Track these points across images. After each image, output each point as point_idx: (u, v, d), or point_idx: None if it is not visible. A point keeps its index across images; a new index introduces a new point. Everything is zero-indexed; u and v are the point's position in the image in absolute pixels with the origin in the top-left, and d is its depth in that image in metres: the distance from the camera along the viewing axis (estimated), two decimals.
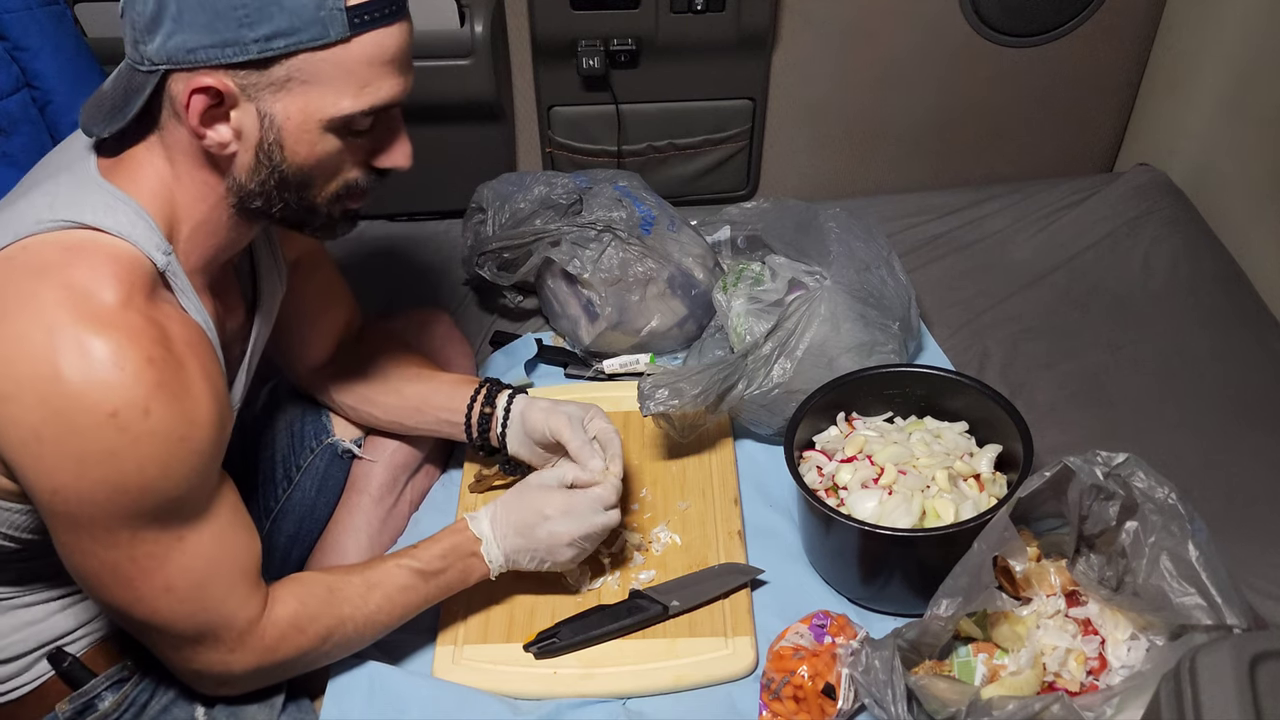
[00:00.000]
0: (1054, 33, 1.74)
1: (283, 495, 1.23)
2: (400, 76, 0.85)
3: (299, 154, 0.84)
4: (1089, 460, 0.99)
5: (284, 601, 0.96)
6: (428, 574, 1.04)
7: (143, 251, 0.83)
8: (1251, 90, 1.61)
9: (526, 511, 1.07)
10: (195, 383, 0.83)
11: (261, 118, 0.82)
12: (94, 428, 0.77)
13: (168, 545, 0.85)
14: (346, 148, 0.86)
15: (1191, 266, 1.63)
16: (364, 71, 0.82)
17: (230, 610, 0.91)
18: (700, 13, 1.60)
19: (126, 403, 0.78)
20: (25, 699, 0.98)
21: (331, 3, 0.78)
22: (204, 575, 0.88)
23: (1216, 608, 0.88)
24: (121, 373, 0.77)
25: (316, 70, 0.80)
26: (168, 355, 0.81)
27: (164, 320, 0.82)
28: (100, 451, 0.78)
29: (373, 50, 0.81)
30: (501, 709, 1.06)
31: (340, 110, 0.82)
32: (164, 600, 0.86)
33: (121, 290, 0.80)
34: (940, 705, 0.93)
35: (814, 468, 1.21)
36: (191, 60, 0.79)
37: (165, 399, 0.80)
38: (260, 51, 0.78)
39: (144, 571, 0.85)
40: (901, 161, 1.90)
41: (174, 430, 0.81)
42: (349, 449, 1.26)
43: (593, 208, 1.48)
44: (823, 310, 1.29)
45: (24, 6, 1.27)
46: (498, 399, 1.20)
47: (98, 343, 0.77)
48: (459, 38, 1.58)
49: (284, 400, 1.28)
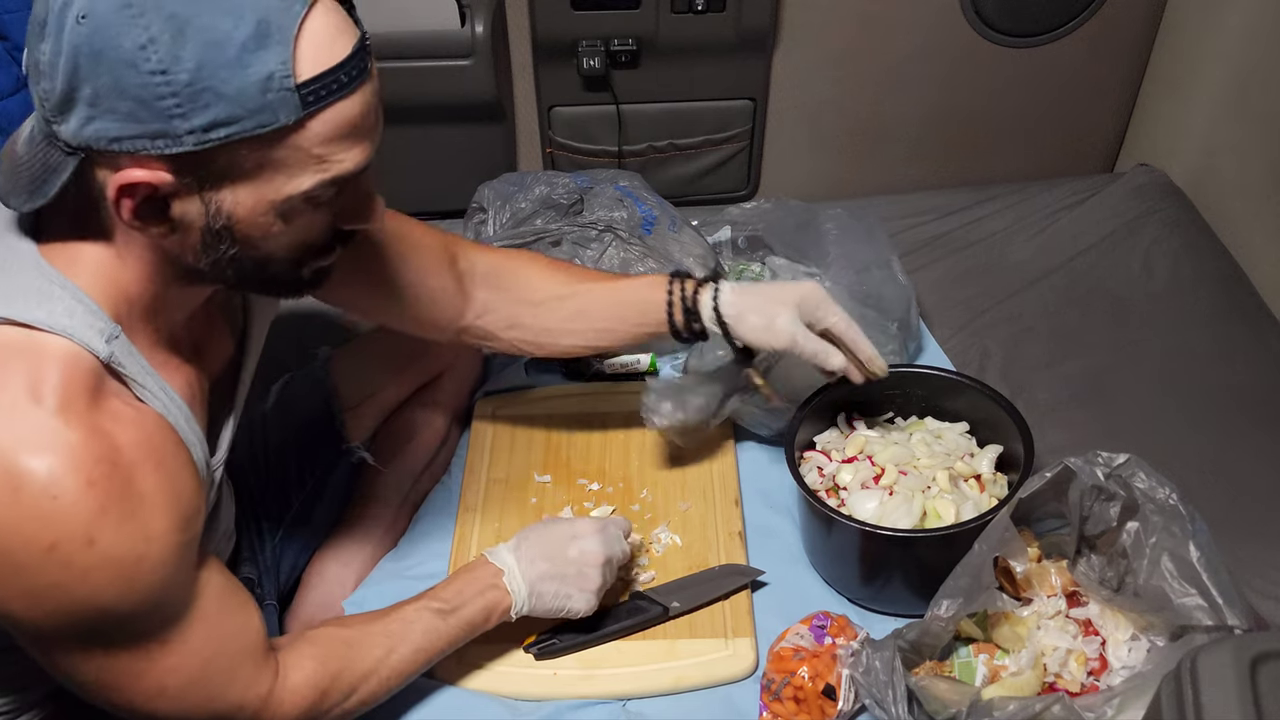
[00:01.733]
0: (1054, 33, 1.74)
1: (295, 501, 1.22)
2: (363, 142, 0.73)
3: (253, 236, 0.74)
4: (1090, 461, 0.99)
5: (299, 665, 0.89)
6: (446, 612, 0.99)
7: (83, 345, 0.73)
8: (1251, 90, 1.61)
9: (555, 536, 1.04)
10: (149, 494, 0.74)
11: (207, 206, 0.71)
12: (34, 564, 0.70)
13: (148, 651, 0.79)
14: (306, 223, 0.76)
15: (1192, 267, 1.63)
16: (321, 149, 0.71)
17: (237, 694, 0.84)
18: (701, 13, 1.60)
19: (65, 535, 0.70)
20: None
21: (278, 84, 0.66)
22: (197, 670, 0.82)
23: (1217, 608, 0.88)
24: (56, 502, 0.69)
25: (266, 156, 0.69)
26: (112, 472, 0.72)
27: (109, 426, 0.73)
28: (46, 585, 0.71)
29: (331, 127, 0.70)
30: (501, 710, 1.06)
31: (297, 190, 0.72)
32: (159, 702, 0.81)
33: (57, 399, 0.70)
34: (941, 706, 0.93)
35: (815, 468, 1.20)
36: (116, 149, 0.67)
37: (111, 524, 0.71)
38: (197, 144, 0.66)
39: (131, 678, 0.79)
40: (902, 162, 1.90)
41: (127, 553, 0.73)
42: (362, 455, 1.24)
43: (593, 208, 1.48)
44: None
45: (24, 6, 1.27)
46: (700, 296, 1.09)
47: (30, 469, 0.69)
48: (459, 38, 1.58)
49: (293, 403, 1.26)
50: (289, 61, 0.67)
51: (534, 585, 1.02)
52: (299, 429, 1.24)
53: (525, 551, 1.04)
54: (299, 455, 1.23)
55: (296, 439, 1.24)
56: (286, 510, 1.21)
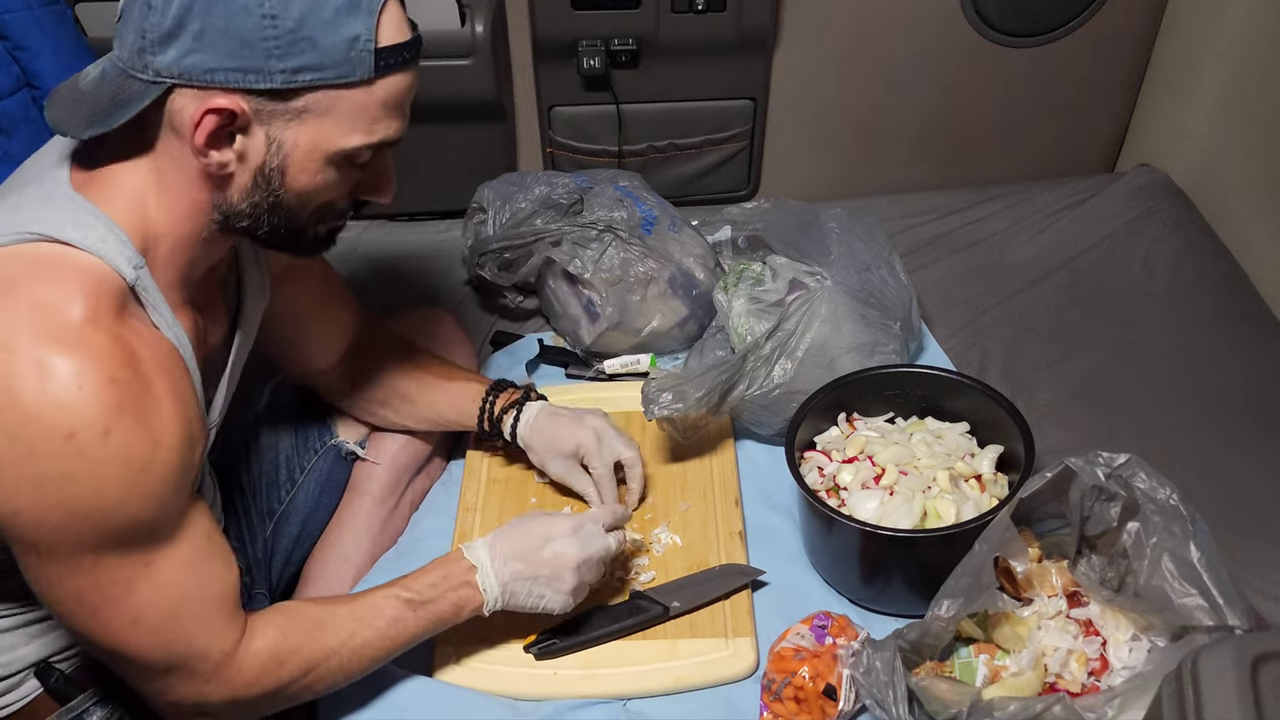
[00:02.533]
0: (1055, 33, 1.74)
1: (286, 496, 1.23)
2: (403, 118, 0.86)
3: (299, 182, 0.84)
4: (1090, 461, 0.99)
5: (263, 633, 0.91)
6: (417, 604, 0.99)
7: (112, 267, 0.80)
8: (1252, 90, 1.61)
9: (529, 535, 1.03)
10: (162, 404, 0.80)
11: (270, 143, 0.81)
12: (51, 451, 0.75)
13: (132, 573, 0.82)
14: (340, 178, 0.86)
15: (1192, 267, 1.62)
16: (378, 111, 0.82)
17: (204, 643, 0.87)
18: (701, 13, 1.60)
19: (85, 424, 0.75)
20: (13, 717, 0.97)
21: (363, 44, 0.78)
22: (174, 606, 0.85)
23: (1218, 609, 0.88)
24: (80, 393, 0.75)
25: (334, 105, 0.80)
26: (132, 376, 0.78)
27: (131, 339, 0.80)
28: (57, 475, 0.76)
29: (391, 92, 0.82)
30: (502, 710, 1.05)
31: (348, 145, 0.82)
32: (132, 631, 0.83)
33: (87, 308, 0.77)
34: (941, 706, 0.93)
35: (815, 468, 1.20)
36: (207, 80, 0.77)
37: (127, 421, 0.77)
38: (284, 83, 0.78)
39: (109, 600, 0.82)
40: (902, 162, 1.90)
41: (136, 454, 0.78)
42: (353, 450, 1.25)
43: (594, 208, 1.47)
44: (823, 310, 1.29)
45: (24, 6, 1.27)
46: (508, 411, 1.23)
47: (58, 362, 0.75)
48: (459, 38, 1.58)
49: (287, 401, 1.28)
50: (373, 29, 0.79)
51: (506, 585, 1.02)
52: (290, 427, 1.26)
53: (499, 550, 1.03)
54: (289, 451, 1.25)
55: (288, 436, 1.25)
56: (277, 505, 1.23)
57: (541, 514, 1.08)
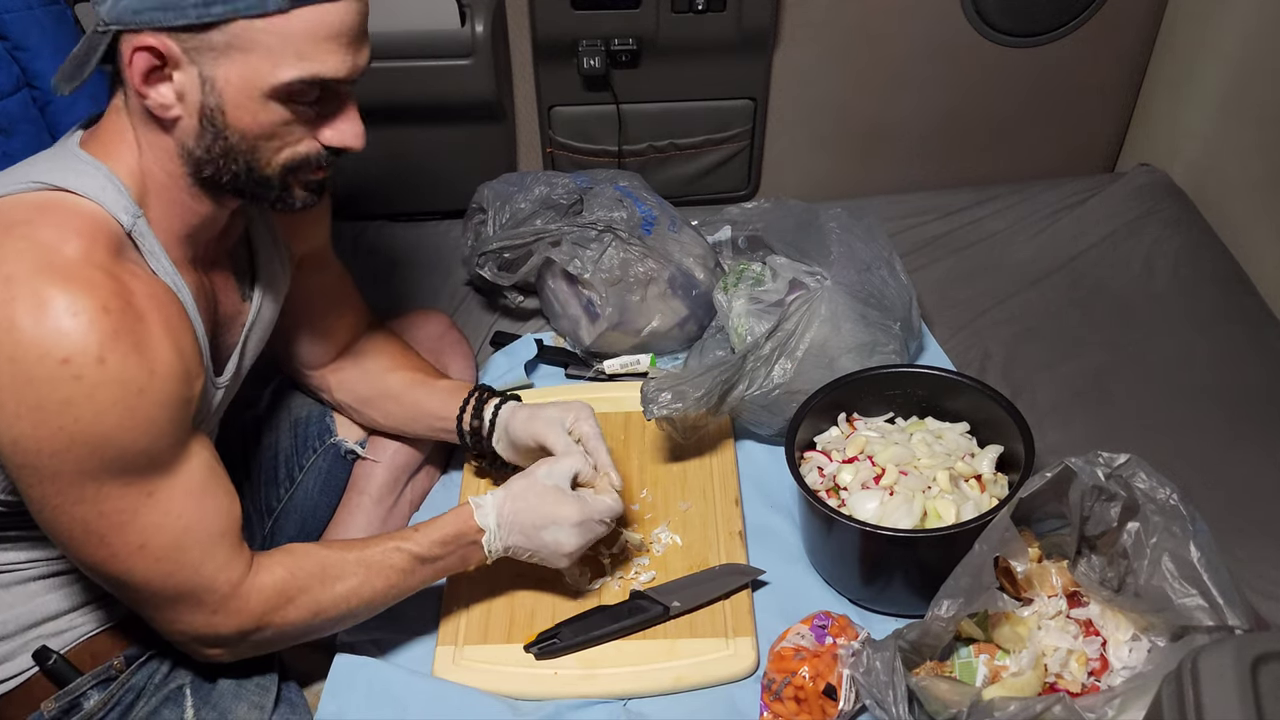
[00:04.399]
0: (1055, 33, 1.73)
1: (285, 495, 1.24)
2: (345, 53, 0.85)
3: (242, 120, 0.85)
4: (1090, 461, 0.99)
5: (271, 570, 0.95)
6: (425, 559, 1.03)
7: (109, 212, 0.85)
8: (1252, 90, 1.61)
9: (536, 515, 1.05)
10: (155, 336, 0.84)
11: (203, 82, 0.83)
12: (48, 376, 0.78)
13: (136, 500, 0.85)
14: (292, 117, 0.86)
15: (1193, 267, 1.62)
16: (304, 44, 0.82)
17: (209, 573, 0.90)
18: (701, 13, 1.60)
19: (80, 350, 0.78)
20: (10, 696, 0.98)
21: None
22: (178, 534, 0.88)
23: (1218, 609, 0.88)
24: (75, 320, 0.78)
25: (255, 39, 0.81)
26: (125, 306, 0.82)
27: (125, 276, 0.84)
28: (56, 400, 0.79)
29: (313, 24, 0.82)
30: (502, 709, 1.05)
31: (279, 79, 0.83)
32: (138, 559, 0.87)
33: (83, 245, 0.81)
34: (941, 706, 0.93)
35: (815, 468, 1.20)
36: (136, 22, 0.80)
37: (122, 349, 0.80)
38: (199, 17, 0.80)
39: (115, 527, 0.85)
40: (902, 161, 1.89)
41: (132, 380, 0.81)
42: (352, 450, 1.26)
43: (593, 208, 1.47)
44: (823, 310, 1.29)
45: (24, 6, 1.27)
46: (485, 410, 1.20)
47: (53, 292, 0.78)
48: (459, 38, 1.57)
49: (287, 401, 1.28)
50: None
51: (508, 548, 1.07)
52: (290, 426, 1.26)
53: (506, 518, 1.05)
54: (289, 450, 1.25)
55: (287, 435, 1.26)
56: (275, 503, 1.23)
57: (554, 489, 1.06)
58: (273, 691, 1.03)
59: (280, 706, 1.03)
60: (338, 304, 1.23)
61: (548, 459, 1.10)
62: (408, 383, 1.23)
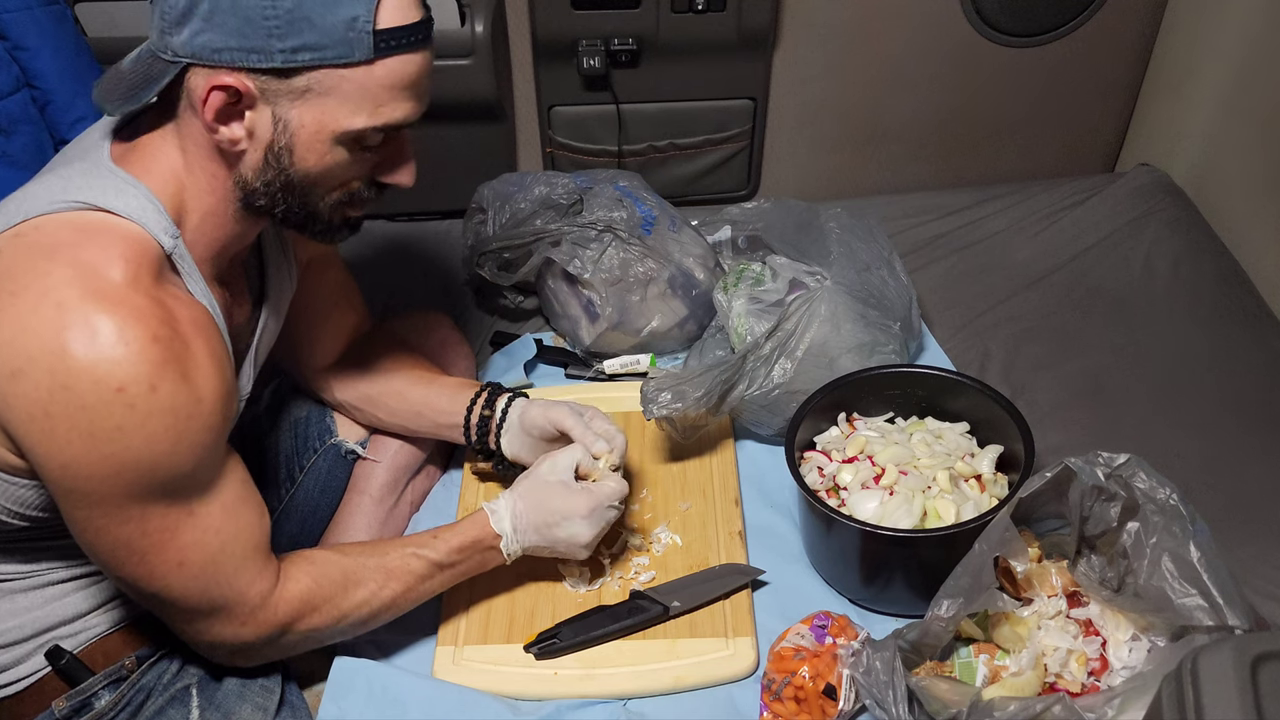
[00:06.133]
0: (1055, 33, 1.73)
1: (286, 496, 1.24)
2: (415, 101, 0.87)
3: (308, 161, 0.86)
4: (1090, 461, 0.99)
5: (297, 579, 0.97)
6: (445, 566, 1.05)
7: (151, 234, 0.85)
8: (1252, 90, 1.61)
9: (548, 513, 1.07)
10: (201, 361, 0.85)
11: (276, 122, 0.84)
12: (102, 403, 0.79)
13: (178, 520, 0.86)
14: (353, 160, 0.88)
15: (1193, 267, 1.62)
16: (382, 93, 0.84)
17: (242, 585, 0.92)
18: (701, 12, 1.60)
19: (133, 379, 0.79)
20: (23, 695, 0.98)
21: (361, 25, 0.80)
22: (215, 550, 0.89)
23: (1218, 608, 0.88)
24: (128, 349, 0.79)
25: (336, 85, 0.82)
26: (173, 334, 0.82)
27: (169, 301, 0.84)
28: (109, 427, 0.79)
29: (394, 74, 0.84)
30: (502, 710, 1.05)
31: (353, 126, 0.84)
32: (176, 575, 0.88)
33: (129, 271, 0.81)
34: (941, 706, 0.93)
35: (815, 468, 1.20)
36: (215, 60, 0.81)
37: (172, 376, 0.81)
38: (285, 62, 0.80)
39: (156, 546, 0.86)
40: (902, 161, 1.90)
41: (181, 406, 0.82)
42: (353, 450, 1.26)
43: (593, 208, 1.47)
44: (823, 310, 1.29)
45: (24, 6, 1.27)
46: (497, 402, 1.20)
47: (104, 320, 0.79)
48: (459, 37, 1.57)
49: (288, 400, 1.28)
50: (372, 10, 0.81)
51: (526, 548, 1.09)
52: (290, 426, 1.26)
53: (521, 522, 1.07)
54: (289, 451, 1.25)
55: (288, 435, 1.26)
56: (276, 504, 1.23)
57: (561, 484, 1.08)
58: (277, 693, 1.03)
59: (282, 709, 1.03)
60: (341, 304, 1.24)
61: (549, 455, 1.11)
62: (412, 380, 1.24)
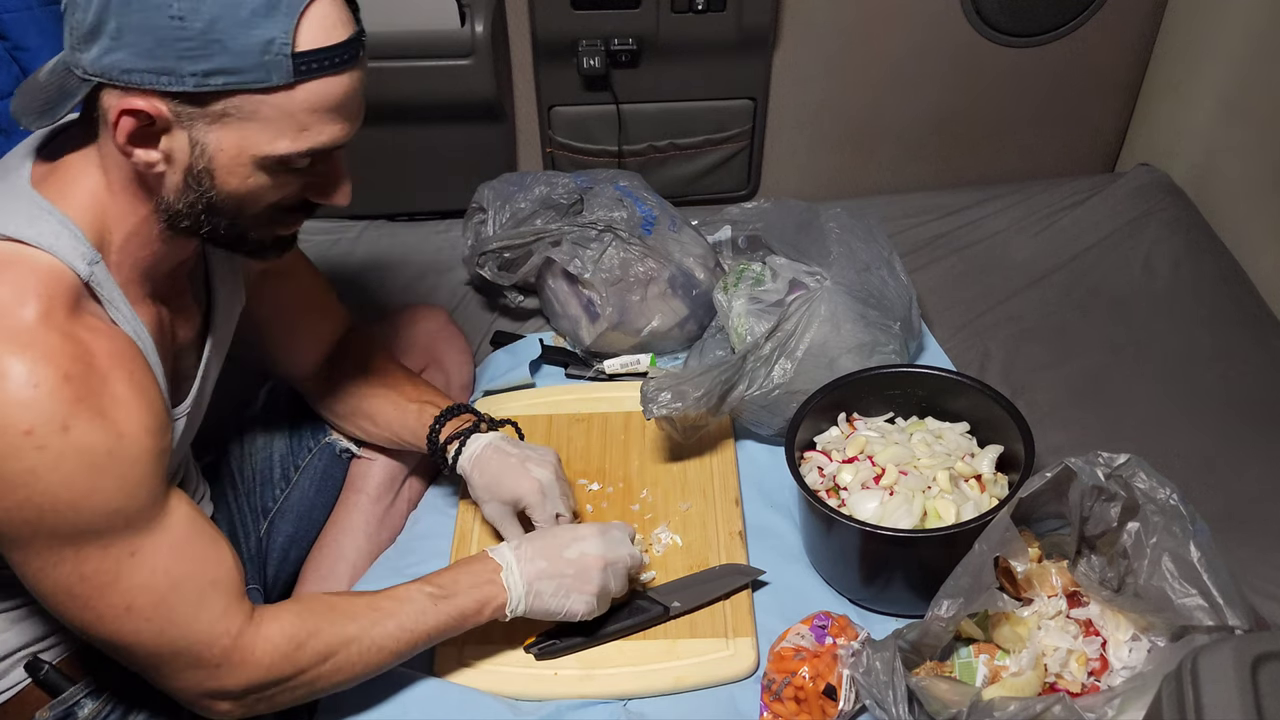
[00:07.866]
0: (1055, 33, 1.73)
1: (281, 495, 1.23)
2: (344, 123, 0.82)
3: (229, 184, 0.82)
4: (1090, 461, 0.98)
5: (277, 617, 0.92)
6: (439, 597, 0.99)
7: (66, 263, 0.81)
8: (1252, 90, 1.61)
9: (555, 537, 1.05)
10: (121, 395, 0.81)
11: (193, 145, 0.80)
12: (11, 448, 0.76)
13: (118, 561, 0.83)
14: (280, 182, 0.84)
15: (1193, 267, 1.62)
16: (305, 117, 0.80)
17: (203, 628, 0.87)
18: (701, 12, 1.60)
19: (43, 420, 0.76)
20: (5, 706, 0.97)
21: (278, 48, 0.76)
22: (165, 591, 0.85)
23: (1218, 609, 0.88)
24: (36, 390, 0.76)
25: (256, 110, 0.78)
26: (88, 370, 0.79)
27: (85, 335, 0.81)
28: (21, 471, 0.77)
29: (316, 98, 0.79)
30: (502, 710, 1.05)
31: (275, 151, 0.80)
32: (126, 620, 0.84)
33: (41, 306, 0.78)
34: (941, 706, 0.93)
35: (815, 468, 1.20)
36: (126, 80, 0.76)
37: (86, 414, 0.78)
38: (197, 86, 0.76)
39: (98, 590, 0.83)
40: (902, 161, 1.89)
41: (98, 444, 0.79)
42: (348, 448, 1.26)
43: (593, 208, 1.47)
44: (823, 310, 1.29)
45: (24, 6, 1.27)
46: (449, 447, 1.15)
47: (12, 362, 0.76)
48: (459, 38, 1.57)
49: (283, 400, 1.28)
50: (290, 32, 0.76)
51: (532, 583, 1.02)
52: (285, 425, 1.26)
53: (525, 550, 1.04)
54: (284, 450, 1.25)
55: (283, 434, 1.26)
56: (271, 503, 1.23)
57: (568, 526, 1.10)
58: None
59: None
60: (311, 312, 1.21)
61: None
62: (385, 402, 1.20)
